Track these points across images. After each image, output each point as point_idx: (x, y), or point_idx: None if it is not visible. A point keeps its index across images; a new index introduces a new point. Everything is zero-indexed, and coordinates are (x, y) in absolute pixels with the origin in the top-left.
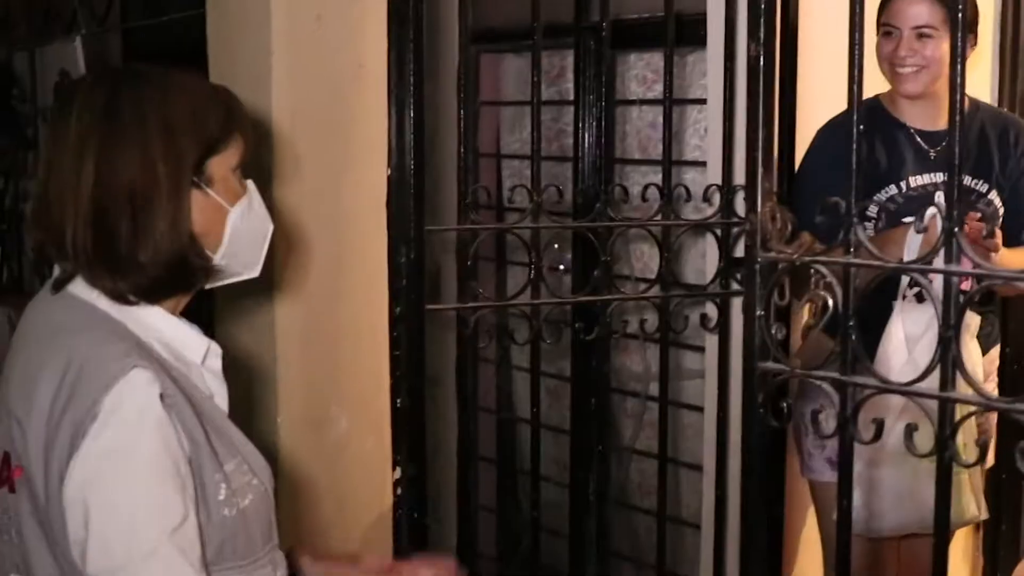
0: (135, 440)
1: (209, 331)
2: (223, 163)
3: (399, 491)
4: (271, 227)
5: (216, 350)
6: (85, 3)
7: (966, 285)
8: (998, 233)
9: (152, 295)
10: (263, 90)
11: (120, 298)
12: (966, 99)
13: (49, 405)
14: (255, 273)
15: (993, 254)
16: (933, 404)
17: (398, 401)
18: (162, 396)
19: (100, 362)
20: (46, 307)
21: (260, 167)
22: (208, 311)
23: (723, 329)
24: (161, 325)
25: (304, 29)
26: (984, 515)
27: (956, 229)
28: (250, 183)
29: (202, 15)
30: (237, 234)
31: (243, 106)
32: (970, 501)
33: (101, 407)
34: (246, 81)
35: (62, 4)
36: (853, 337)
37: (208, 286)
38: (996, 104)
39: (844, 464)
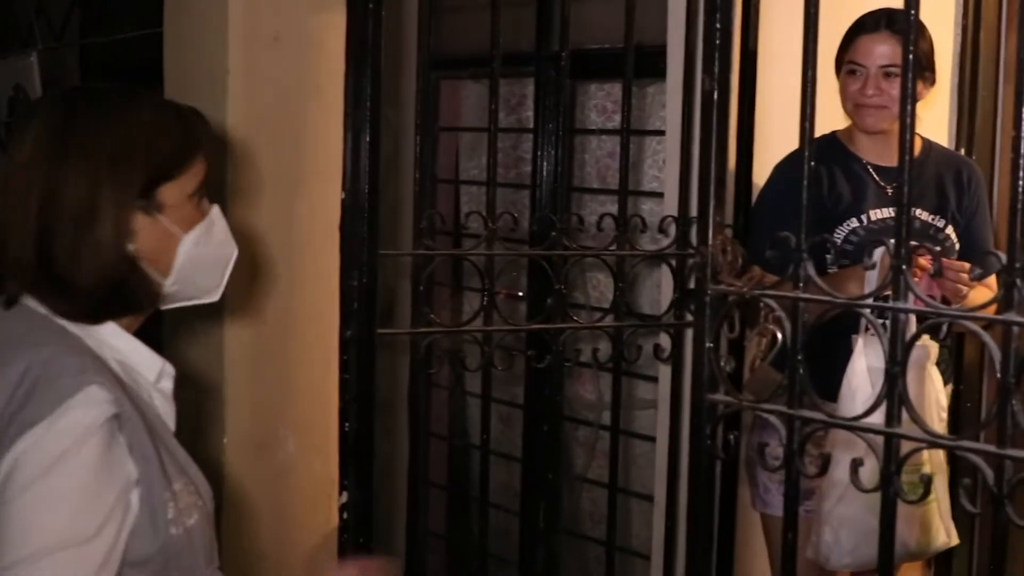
0: (67, 455)
1: (158, 350)
2: (177, 189)
3: (345, 515)
4: (234, 252)
5: (170, 371)
6: (42, 18)
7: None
8: (965, 266)
9: (95, 316)
10: (219, 109)
11: (66, 317)
12: (919, 139)
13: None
14: (214, 298)
15: (964, 288)
16: (880, 439)
17: (346, 425)
18: (117, 415)
19: (57, 375)
20: (1, 321)
21: (213, 186)
22: (157, 330)
23: (676, 360)
24: (116, 343)
25: (261, 49)
26: (955, 540)
27: (903, 267)
28: (215, 208)
29: (160, 33)
30: (191, 261)
31: (207, 128)
32: (939, 528)
33: (48, 418)
34: (202, 100)
35: (18, 18)
36: (801, 371)
37: (164, 307)
38: (954, 142)
39: (790, 497)
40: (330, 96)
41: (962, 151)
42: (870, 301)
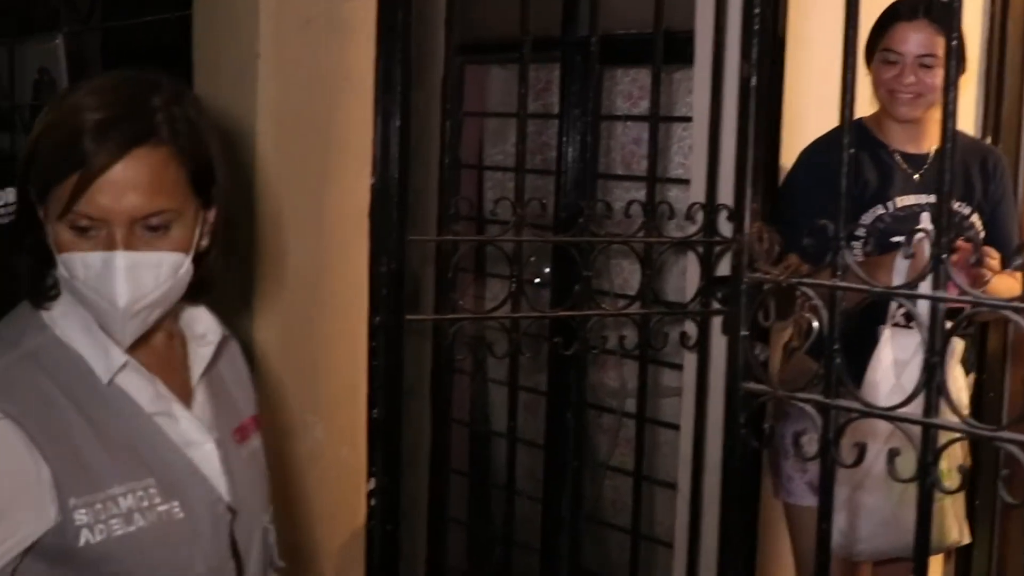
0: None
1: None
2: (53, 202)
3: (373, 502)
4: (116, 311)
5: (135, 366)
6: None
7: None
8: (995, 254)
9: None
10: (248, 93)
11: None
12: None
13: None
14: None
15: (987, 275)
16: (916, 430)
17: (375, 412)
18: (10, 420)
19: None
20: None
21: (243, 172)
22: None
23: (702, 348)
24: (77, 336)
25: (292, 33)
26: (966, 539)
27: (944, 255)
28: (96, 255)
29: (187, 16)
30: (73, 289)
31: (104, 151)
32: (952, 526)
33: None
34: (231, 84)
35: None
36: (838, 360)
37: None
38: (981, 130)
39: (825, 487)
40: (360, 80)
41: (988, 139)
42: (910, 291)
